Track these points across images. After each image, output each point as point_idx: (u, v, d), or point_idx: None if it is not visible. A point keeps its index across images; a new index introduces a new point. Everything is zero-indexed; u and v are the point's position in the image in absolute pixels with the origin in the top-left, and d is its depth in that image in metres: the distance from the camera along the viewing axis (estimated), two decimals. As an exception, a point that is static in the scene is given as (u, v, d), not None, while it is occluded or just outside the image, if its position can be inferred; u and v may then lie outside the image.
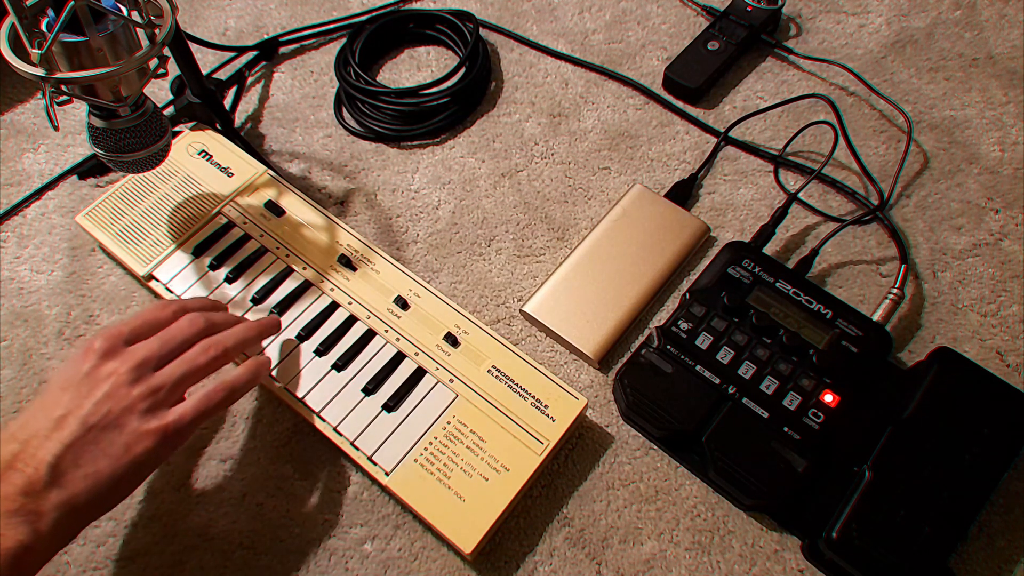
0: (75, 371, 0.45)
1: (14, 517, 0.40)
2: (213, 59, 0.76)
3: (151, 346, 0.47)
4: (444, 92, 0.70)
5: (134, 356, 0.46)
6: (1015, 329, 0.59)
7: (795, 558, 0.51)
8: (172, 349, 0.47)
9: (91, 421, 0.43)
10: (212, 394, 0.48)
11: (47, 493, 0.41)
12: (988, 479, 0.50)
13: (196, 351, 0.48)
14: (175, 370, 0.47)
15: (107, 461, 0.43)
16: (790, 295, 0.57)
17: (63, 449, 0.42)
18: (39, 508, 0.41)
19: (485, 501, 0.50)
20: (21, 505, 0.40)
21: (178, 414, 0.45)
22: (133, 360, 0.46)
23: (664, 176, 0.68)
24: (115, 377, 0.45)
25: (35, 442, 0.42)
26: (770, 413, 0.53)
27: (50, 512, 0.41)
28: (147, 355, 0.46)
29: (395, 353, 0.56)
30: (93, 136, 0.52)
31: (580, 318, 0.59)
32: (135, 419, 0.44)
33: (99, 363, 0.45)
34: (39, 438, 0.42)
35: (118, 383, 0.45)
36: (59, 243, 0.65)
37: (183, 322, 0.49)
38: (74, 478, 0.42)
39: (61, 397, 0.44)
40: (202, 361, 0.48)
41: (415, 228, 0.66)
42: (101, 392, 0.44)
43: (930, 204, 0.66)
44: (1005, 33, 0.75)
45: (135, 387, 0.45)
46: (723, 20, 0.75)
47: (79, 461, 0.42)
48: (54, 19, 0.45)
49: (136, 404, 0.44)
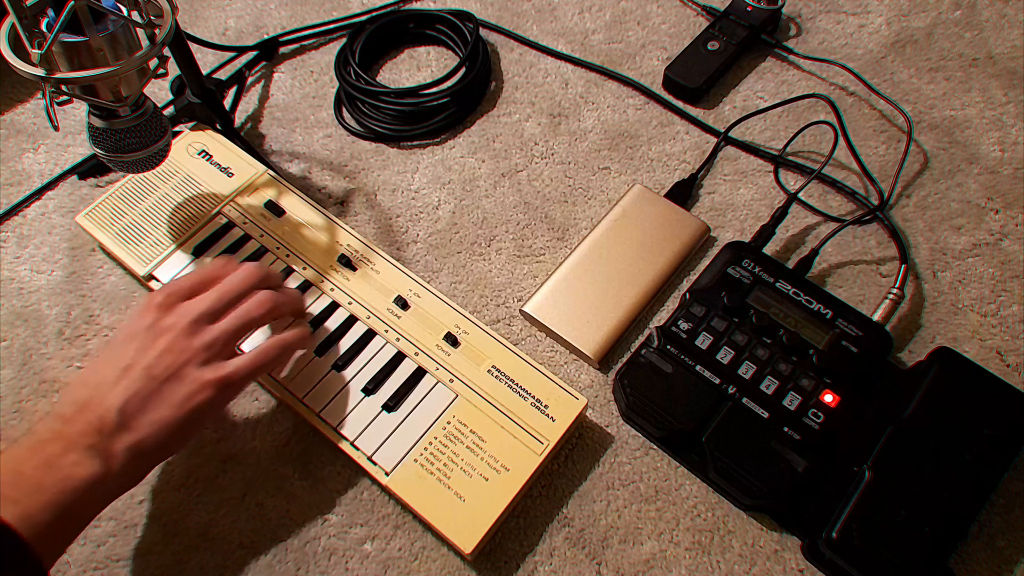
0: (138, 324, 0.48)
1: (89, 451, 0.43)
2: (213, 59, 0.76)
3: (208, 299, 0.49)
4: (444, 92, 0.70)
5: (193, 310, 0.49)
6: (1015, 329, 0.59)
7: (795, 558, 0.51)
8: (228, 301, 0.50)
9: (154, 372, 0.46)
10: (268, 350, 0.50)
11: (118, 435, 0.44)
12: (988, 479, 0.50)
13: (252, 303, 0.51)
14: (231, 323, 0.49)
15: (170, 409, 0.46)
16: (790, 295, 0.57)
17: (130, 396, 0.45)
18: (111, 448, 0.44)
19: (485, 501, 0.50)
20: (95, 443, 0.44)
21: (235, 366, 0.48)
22: (191, 314, 0.48)
23: (664, 176, 0.68)
24: (175, 330, 0.47)
25: (104, 388, 0.45)
26: (770, 413, 0.53)
27: (120, 453, 0.44)
28: (205, 308, 0.49)
29: (395, 353, 0.56)
30: (93, 136, 0.52)
31: (580, 318, 0.59)
32: (194, 370, 0.47)
33: (160, 316, 0.48)
34: (108, 384, 0.46)
35: (178, 336, 0.47)
36: (59, 243, 0.65)
37: (241, 272, 0.52)
38: (141, 423, 0.45)
39: (126, 348, 0.47)
40: (256, 313, 0.50)
41: (415, 228, 0.66)
42: (162, 344, 0.47)
43: (930, 204, 0.66)
44: (1005, 33, 0.75)
45: (194, 339, 0.47)
46: (723, 20, 0.75)
47: (145, 408, 0.45)
48: (54, 19, 0.45)
49: (195, 356, 0.47)
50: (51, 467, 0.42)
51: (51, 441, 0.43)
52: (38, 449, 0.43)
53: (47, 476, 0.42)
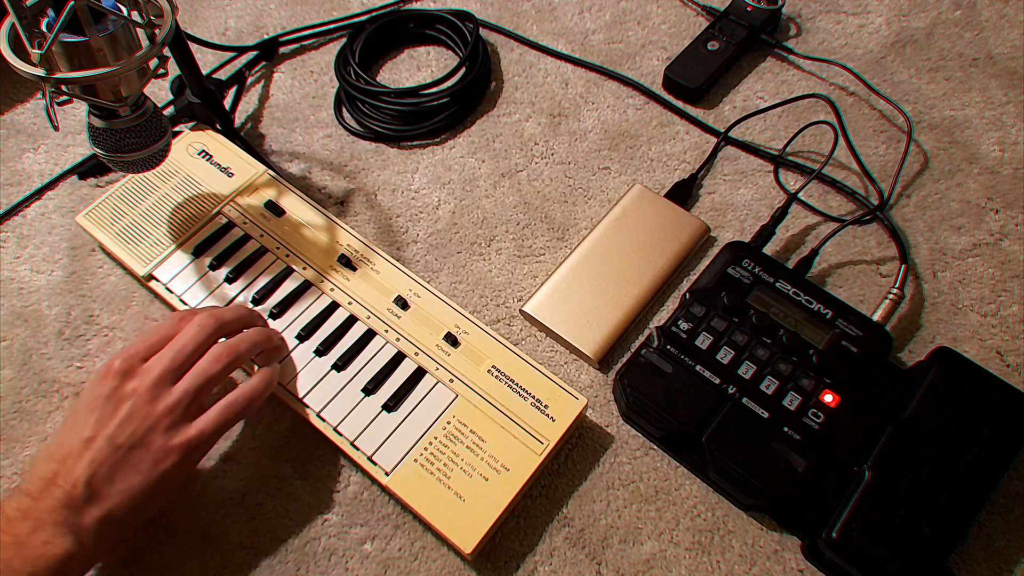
0: (98, 392, 0.47)
1: (60, 527, 0.43)
2: (213, 59, 0.76)
3: (164, 361, 0.48)
4: (444, 92, 0.70)
5: (150, 374, 0.48)
6: (1015, 329, 0.59)
7: (795, 558, 0.51)
8: (185, 359, 0.49)
9: (118, 441, 0.45)
10: (232, 405, 0.49)
11: (87, 508, 0.44)
12: (988, 479, 0.50)
13: (209, 360, 0.49)
14: (191, 383, 0.48)
15: (138, 477, 0.45)
16: (790, 295, 0.57)
17: (96, 468, 0.45)
18: (81, 522, 0.44)
19: (485, 501, 0.50)
20: (65, 518, 0.43)
21: (199, 429, 0.48)
22: (150, 378, 0.47)
23: (664, 176, 0.68)
24: (135, 397, 0.47)
25: (70, 461, 0.45)
26: (770, 413, 0.53)
27: (91, 525, 0.44)
28: (162, 370, 0.48)
29: (395, 353, 0.56)
30: (93, 136, 0.52)
31: (580, 318, 0.59)
32: (159, 436, 0.46)
33: (120, 383, 0.47)
34: (73, 457, 0.45)
35: (139, 403, 0.47)
36: (59, 243, 0.65)
37: (192, 328, 0.50)
38: (109, 494, 0.45)
39: (88, 418, 0.46)
40: (215, 370, 0.49)
41: (415, 228, 0.66)
42: (124, 413, 0.46)
43: (930, 204, 0.66)
44: (1005, 33, 0.75)
45: (156, 405, 0.47)
46: (723, 20, 0.75)
47: (112, 478, 0.45)
48: (54, 19, 0.45)
49: (159, 422, 0.46)
50: (22, 547, 0.42)
51: (20, 520, 0.43)
52: (7, 529, 0.43)
53: (18, 557, 0.42)
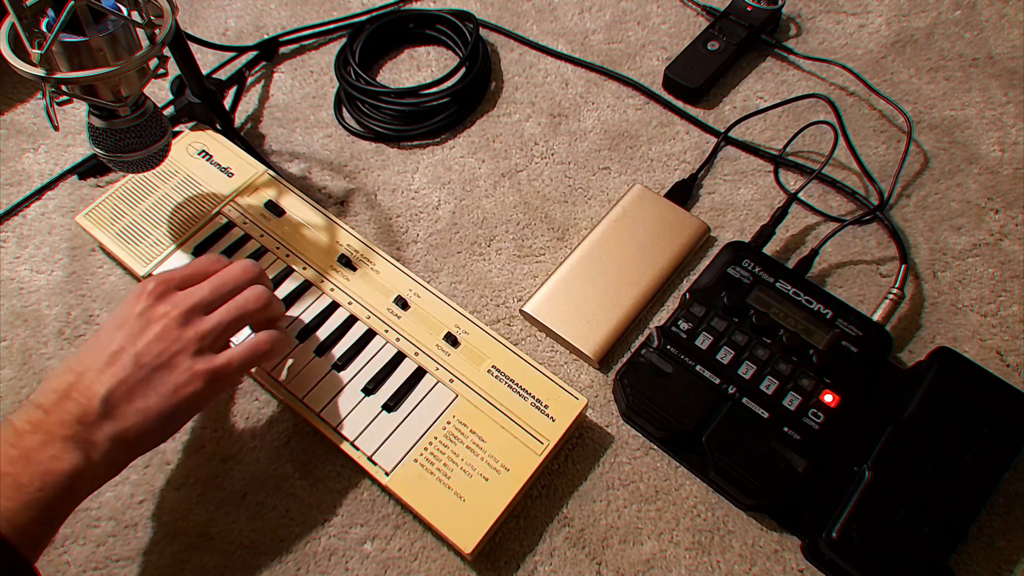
0: (129, 311, 0.47)
1: (69, 442, 0.42)
2: (213, 59, 0.76)
3: (203, 290, 0.48)
4: (444, 92, 0.70)
5: (186, 299, 0.47)
6: (1015, 329, 0.59)
7: (795, 558, 0.51)
8: (222, 295, 0.49)
9: (144, 360, 0.45)
10: (260, 343, 0.49)
11: (100, 424, 0.43)
12: (988, 479, 0.50)
13: (248, 296, 0.49)
14: (225, 315, 0.48)
15: (157, 398, 0.44)
16: (790, 295, 0.57)
17: (116, 383, 0.44)
18: (92, 437, 0.43)
19: (485, 501, 0.50)
20: (76, 432, 0.42)
21: (227, 358, 0.47)
22: (185, 304, 0.47)
23: (664, 176, 0.68)
24: (167, 319, 0.46)
25: (90, 375, 0.44)
26: (770, 413, 0.53)
27: (102, 442, 0.43)
28: (199, 299, 0.48)
29: (395, 353, 0.56)
30: (93, 136, 0.52)
31: (580, 318, 0.59)
32: (185, 360, 0.45)
33: (152, 304, 0.47)
34: (93, 371, 0.44)
35: (169, 324, 0.46)
36: (59, 243, 0.65)
37: (236, 268, 0.50)
38: (125, 412, 0.44)
39: (115, 335, 0.46)
40: (252, 307, 0.49)
41: (415, 228, 0.66)
42: (153, 332, 0.46)
43: (930, 204, 0.66)
44: (1005, 33, 0.75)
45: (186, 329, 0.46)
46: (723, 20, 0.75)
47: (131, 396, 0.44)
48: (54, 19, 0.45)
49: (187, 346, 0.46)
50: (30, 462, 0.41)
51: (29, 432, 0.42)
52: (14, 442, 0.42)
53: (25, 471, 0.41)
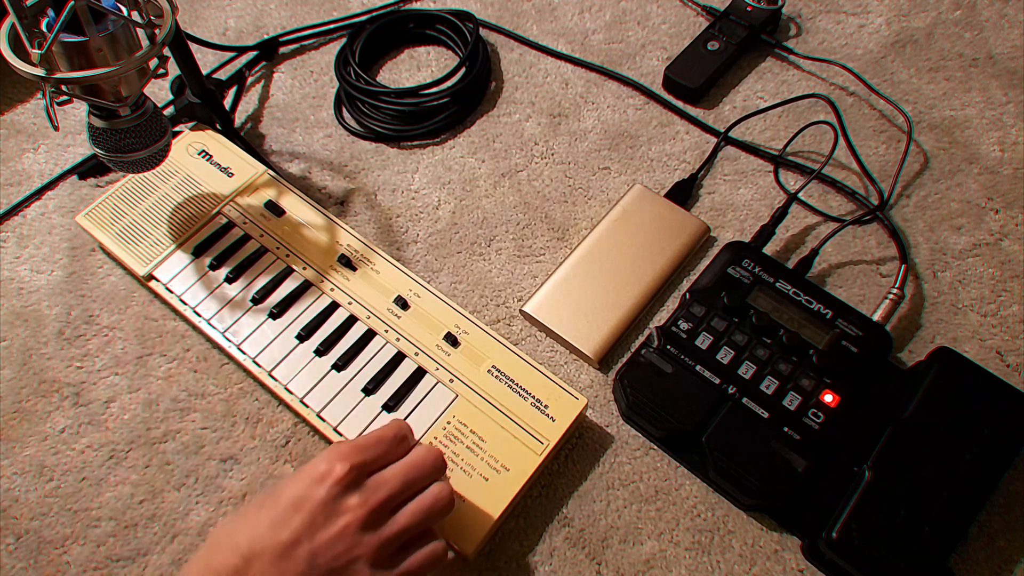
0: (314, 491, 0.41)
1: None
2: (213, 59, 0.76)
3: (393, 485, 0.43)
4: (444, 92, 0.70)
5: (377, 495, 0.42)
6: (1015, 329, 0.59)
7: (795, 558, 0.51)
8: (411, 489, 0.44)
9: (319, 561, 0.40)
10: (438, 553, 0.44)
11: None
12: (988, 479, 0.50)
13: (435, 498, 0.44)
14: (412, 519, 0.43)
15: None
16: (790, 295, 0.57)
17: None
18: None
19: (485, 501, 0.50)
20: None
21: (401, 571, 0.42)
22: (375, 499, 0.42)
23: (664, 176, 0.68)
24: (354, 515, 0.41)
25: (259, 565, 0.40)
26: (770, 413, 0.53)
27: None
28: (390, 495, 0.42)
29: (395, 353, 0.56)
30: (93, 136, 0.52)
31: (580, 318, 0.59)
32: (363, 570, 0.41)
33: (340, 493, 0.42)
34: (263, 562, 0.40)
35: (354, 523, 0.41)
36: (59, 243, 0.65)
37: (428, 459, 0.44)
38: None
39: (292, 517, 0.41)
40: (437, 509, 0.44)
41: (415, 228, 0.66)
42: (336, 528, 0.41)
43: (930, 204, 0.66)
44: (1005, 33, 0.75)
45: (370, 533, 0.41)
46: (723, 20, 0.75)
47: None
48: (54, 19, 0.45)
49: (367, 554, 0.41)
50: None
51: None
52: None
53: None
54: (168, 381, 0.58)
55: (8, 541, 0.53)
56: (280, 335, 0.57)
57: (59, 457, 0.56)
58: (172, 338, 0.60)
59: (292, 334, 0.57)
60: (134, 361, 0.59)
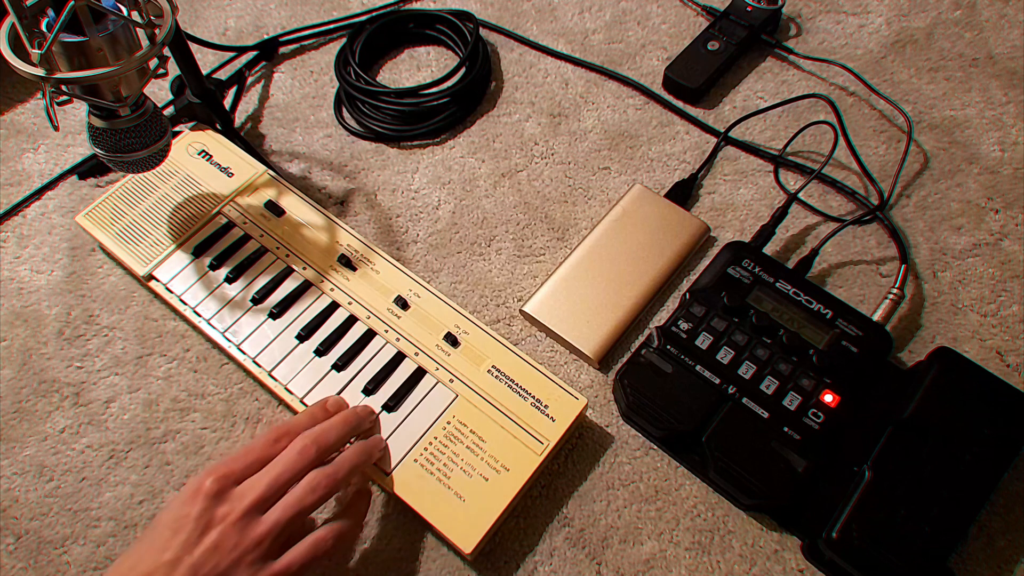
0: (185, 512, 0.44)
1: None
2: (213, 59, 0.76)
3: (259, 488, 0.45)
4: (444, 92, 0.70)
5: (243, 500, 0.45)
6: (1015, 329, 0.59)
7: (795, 558, 0.51)
8: (280, 487, 0.46)
9: (201, 572, 0.42)
10: (321, 541, 0.46)
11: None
12: (988, 479, 0.50)
13: (305, 490, 0.46)
14: (283, 514, 0.45)
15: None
16: (790, 295, 0.57)
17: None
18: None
19: (485, 501, 0.50)
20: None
21: (284, 565, 0.44)
22: (241, 505, 0.44)
23: (664, 176, 0.68)
24: (224, 524, 0.44)
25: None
26: (770, 413, 0.53)
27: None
28: (255, 498, 0.45)
29: (395, 353, 0.56)
30: (93, 136, 0.52)
31: (580, 318, 0.59)
32: (244, 571, 0.43)
33: (209, 506, 0.44)
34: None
35: (227, 531, 0.44)
36: (59, 243, 0.65)
37: (290, 454, 0.47)
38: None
39: (171, 540, 0.43)
40: (309, 501, 0.46)
41: (415, 228, 0.66)
42: (210, 540, 0.43)
43: (930, 204, 0.66)
44: (1005, 33, 0.75)
45: (244, 535, 0.44)
46: (723, 20, 0.75)
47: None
48: (54, 19, 0.45)
49: (245, 555, 0.43)
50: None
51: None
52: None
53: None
54: (168, 381, 0.58)
55: (8, 541, 0.53)
56: (280, 335, 0.57)
57: (59, 457, 0.56)
58: (172, 338, 0.60)
59: (292, 334, 0.57)
60: (134, 361, 0.59)
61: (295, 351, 0.56)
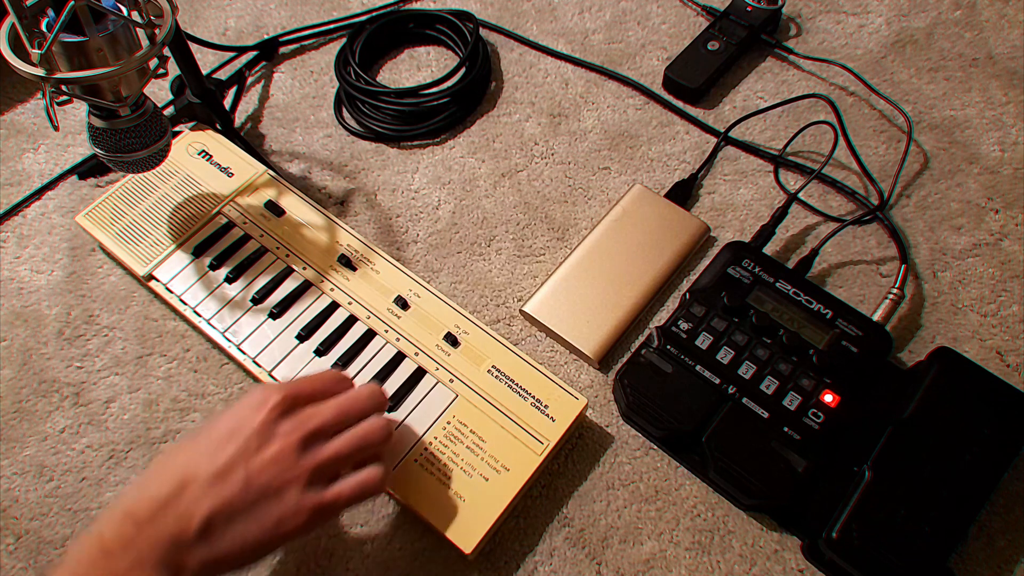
0: (249, 419, 0.43)
1: (160, 569, 0.39)
2: (213, 59, 0.76)
3: (326, 414, 0.45)
4: (444, 92, 0.70)
5: (310, 422, 0.44)
6: (1015, 329, 0.59)
7: (795, 558, 0.51)
8: (344, 421, 0.46)
9: (254, 482, 0.41)
10: (371, 480, 0.45)
11: (194, 548, 0.40)
12: (988, 479, 0.50)
13: (370, 428, 0.46)
14: (345, 445, 0.45)
15: (257, 528, 0.41)
16: (790, 295, 0.57)
17: (221, 504, 0.41)
18: (184, 561, 0.40)
19: (485, 501, 0.50)
20: (169, 557, 0.40)
21: (335, 494, 0.44)
22: (307, 426, 0.44)
23: (664, 176, 0.68)
24: (287, 440, 0.43)
25: (194, 488, 0.41)
26: (770, 413, 0.53)
27: (193, 566, 0.40)
28: (321, 422, 0.44)
29: (395, 353, 0.56)
30: (93, 136, 0.52)
31: (580, 318, 0.59)
32: (295, 491, 0.42)
33: (276, 419, 0.43)
34: (199, 484, 0.41)
35: (288, 447, 0.43)
36: (59, 243, 0.65)
37: (363, 392, 0.47)
38: (222, 538, 0.41)
39: (228, 444, 0.42)
40: (374, 440, 0.46)
41: (415, 228, 0.66)
42: (270, 453, 0.42)
43: (930, 204, 0.66)
44: (1005, 33, 0.75)
45: (304, 456, 0.43)
46: (723, 20, 0.75)
47: (231, 521, 0.41)
48: (54, 19, 0.45)
49: (300, 475, 0.42)
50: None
51: (119, 552, 0.39)
52: (102, 564, 0.39)
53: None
54: (168, 381, 0.58)
55: (8, 541, 0.53)
56: (280, 335, 0.57)
57: (59, 457, 0.56)
58: (172, 338, 0.60)
59: (292, 334, 0.57)
60: (134, 361, 0.59)
61: (295, 351, 0.56)
